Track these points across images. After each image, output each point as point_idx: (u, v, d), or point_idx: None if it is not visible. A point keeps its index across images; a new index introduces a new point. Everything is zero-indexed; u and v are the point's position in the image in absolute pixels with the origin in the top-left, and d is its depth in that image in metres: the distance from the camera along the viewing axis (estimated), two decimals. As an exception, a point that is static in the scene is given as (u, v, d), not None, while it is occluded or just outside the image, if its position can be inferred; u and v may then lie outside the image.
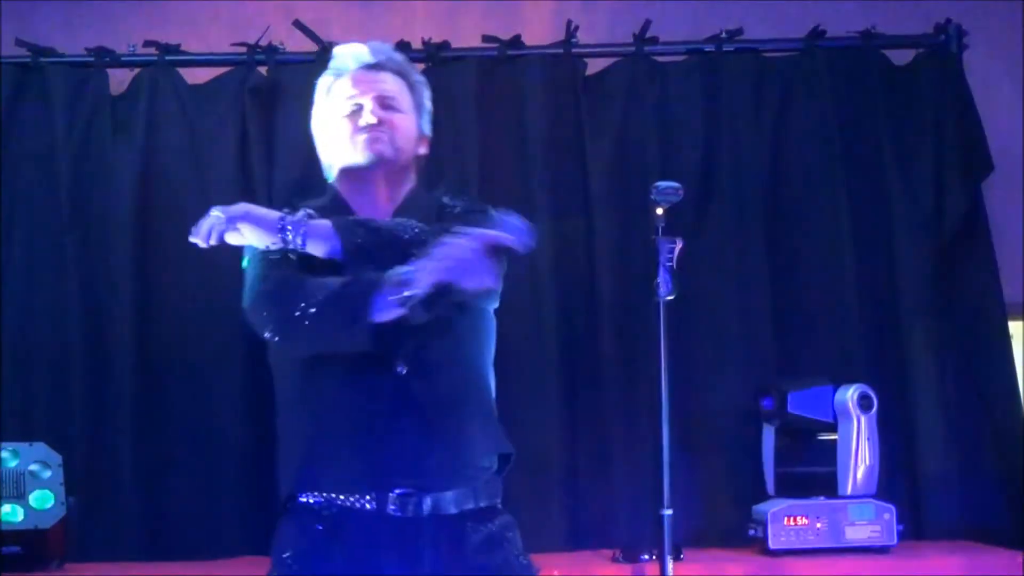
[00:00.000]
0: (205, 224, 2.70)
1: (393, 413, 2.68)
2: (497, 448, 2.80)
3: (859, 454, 4.03)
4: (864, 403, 4.06)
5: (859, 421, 4.04)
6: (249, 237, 2.71)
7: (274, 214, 2.73)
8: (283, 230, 2.70)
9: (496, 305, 2.92)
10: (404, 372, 2.68)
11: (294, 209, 2.79)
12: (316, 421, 2.73)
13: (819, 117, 4.53)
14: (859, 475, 4.02)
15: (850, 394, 4.06)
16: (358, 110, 2.88)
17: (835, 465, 4.06)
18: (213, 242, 2.69)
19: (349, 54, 2.96)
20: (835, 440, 4.10)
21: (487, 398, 2.85)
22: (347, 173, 2.91)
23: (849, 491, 4.01)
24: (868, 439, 4.04)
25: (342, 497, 2.69)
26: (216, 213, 2.71)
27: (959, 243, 4.49)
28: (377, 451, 2.67)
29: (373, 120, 2.87)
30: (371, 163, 2.87)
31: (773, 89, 4.56)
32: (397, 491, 2.66)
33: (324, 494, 2.71)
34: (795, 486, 4.09)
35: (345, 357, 2.68)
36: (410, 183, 2.94)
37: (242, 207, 2.74)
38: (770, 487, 4.17)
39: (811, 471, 4.11)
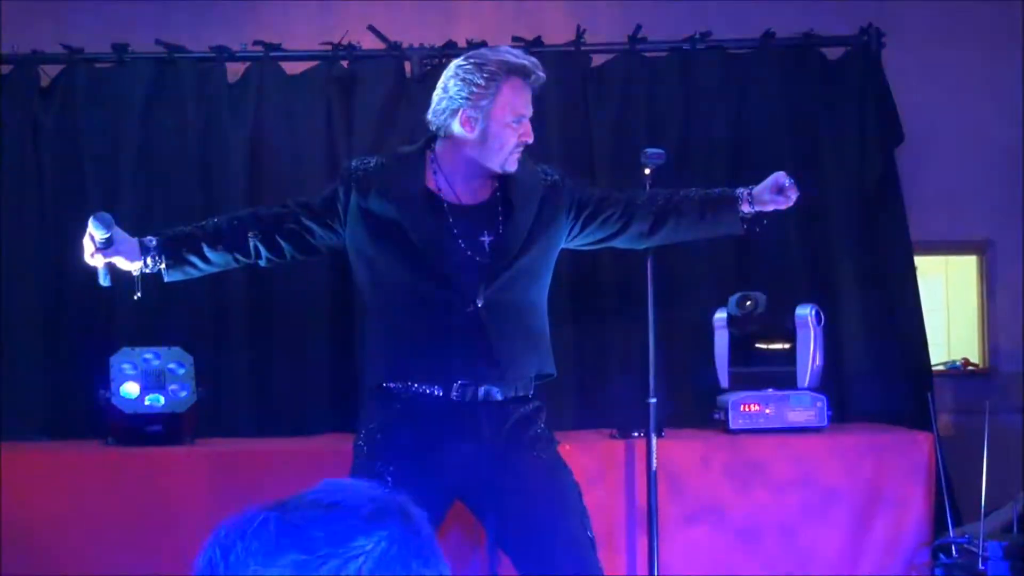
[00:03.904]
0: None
1: (464, 332, 2.89)
2: (541, 369, 3.03)
3: (813, 356, 4.37)
4: (817, 318, 4.43)
5: (815, 331, 4.39)
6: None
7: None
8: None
9: None
10: (480, 306, 2.89)
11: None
12: (401, 329, 2.94)
13: (770, 100, 4.98)
14: (812, 372, 4.38)
15: (808, 311, 4.40)
16: (520, 122, 2.92)
17: (780, 364, 4.42)
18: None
19: (535, 67, 2.93)
20: (780, 345, 4.50)
21: (543, 329, 3.01)
22: (474, 154, 2.92)
23: (806, 384, 4.34)
24: (818, 346, 4.40)
25: (416, 385, 2.93)
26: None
27: (877, 196, 4.95)
28: (447, 357, 2.91)
29: (530, 141, 2.96)
30: (506, 173, 2.94)
31: (735, 79, 5.02)
32: (459, 382, 2.92)
33: (402, 383, 2.93)
34: (747, 381, 4.45)
35: (434, 284, 2.88)
36: None
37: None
38: (723, 382, 4.48)
39: (762, 370, 4.48)
